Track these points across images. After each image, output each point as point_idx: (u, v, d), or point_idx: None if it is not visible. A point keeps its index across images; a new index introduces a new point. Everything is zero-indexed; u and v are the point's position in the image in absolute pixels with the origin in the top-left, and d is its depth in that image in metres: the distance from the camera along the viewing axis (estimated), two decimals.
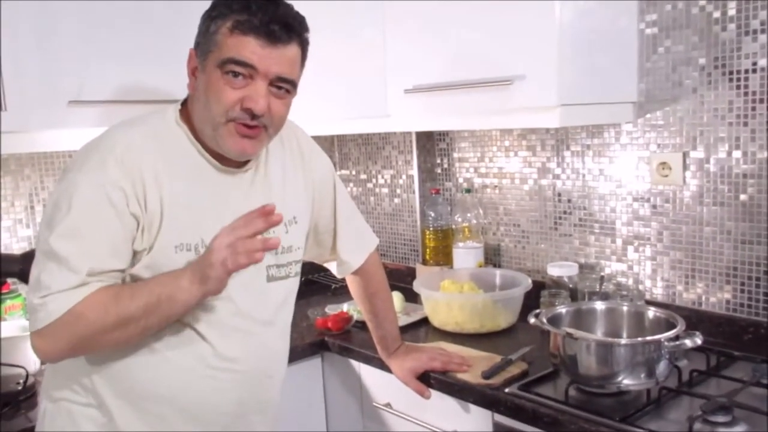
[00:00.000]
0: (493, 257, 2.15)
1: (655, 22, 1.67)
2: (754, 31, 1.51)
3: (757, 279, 1.58)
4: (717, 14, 1.57)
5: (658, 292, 1.77)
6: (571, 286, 1.84)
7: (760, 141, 1.54)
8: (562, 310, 1.47)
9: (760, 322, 1.58)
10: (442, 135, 2.26)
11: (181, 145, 1.21)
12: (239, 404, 1.28)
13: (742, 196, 1.58)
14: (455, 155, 2.22)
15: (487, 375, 1.46)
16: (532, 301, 1.83)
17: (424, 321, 1.90)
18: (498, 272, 1.97)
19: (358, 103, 1.93)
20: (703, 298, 1.68)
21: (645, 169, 1.75)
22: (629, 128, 1.77)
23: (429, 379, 1.54)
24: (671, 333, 1.29)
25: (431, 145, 2.29)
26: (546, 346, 1.41)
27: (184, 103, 1.25)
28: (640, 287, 1.80)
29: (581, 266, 1.89)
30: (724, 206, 1.62)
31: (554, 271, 1.86)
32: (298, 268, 1.36)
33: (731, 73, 1.56)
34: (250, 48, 1.12)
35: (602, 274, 1.85)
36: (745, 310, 1.61)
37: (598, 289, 1.78)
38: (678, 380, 1.38)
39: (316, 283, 2.31)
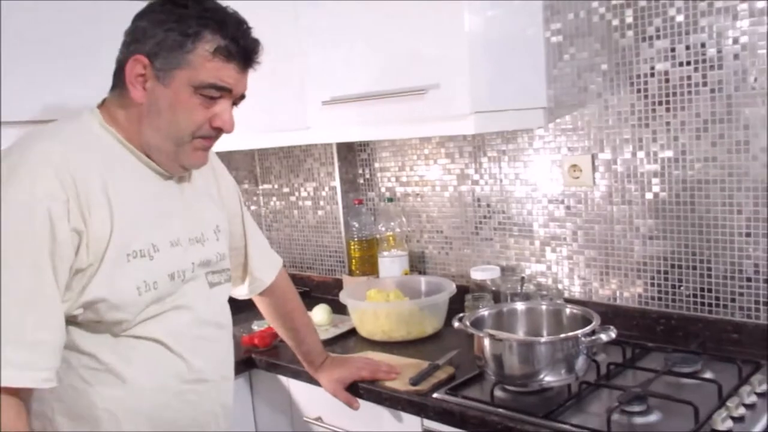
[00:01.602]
0: (418, 264, 2.17)
1: (560, 30, 1.74)
2: (650, 38, 1.60)
3: (665, 273, 1.66)
4: (616, 22, 1.65)
5: (576, 290, 1.83)
6: (493, 288, 1.88)
7: (661, 141, 1.62)
8: (484, 312, 1.50)
9: (671, 314, 1.66)
10: (363, 145, 2.27)
11: (115, 150, 1.15)
12: (212, 414, 1.26)
13: (648, 194, 1.66)
14: (376, 165, 2.24)
15: (414, 381, 1.47)
16: (457, 305, 1.87)
17: (353, 332, 1.90)
18: (423, 279, 1.99)
19: (277, 115, 1.92)
20: (617, 293, 1.75)
21: (557, 172, 1.81)
22: (541, 133, 1.83)
23: (358, 390, 1.54)
24: (587, 329, 1.34)
25: (352, 155, 2.30)
26: (471, 349, 1.44)
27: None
28: (559, 286, 1.86)
29: (503, 269, 1.94)
30: (631, 204, 1.69)
31: (477, 275, 1.90)
32: (227, 275, 1.34)
33: (631, 77, 1.64)
34: (229, 73, 1.12)
35: (523, 275, 1.90)
36: (656, 303, 1.69)
37: (519, 290, 1.83)
38: (597, 374, 1.44)
39: (237, 302, 2.26)
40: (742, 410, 1.22)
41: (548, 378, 1.34)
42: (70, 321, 1.08)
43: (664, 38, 1.58)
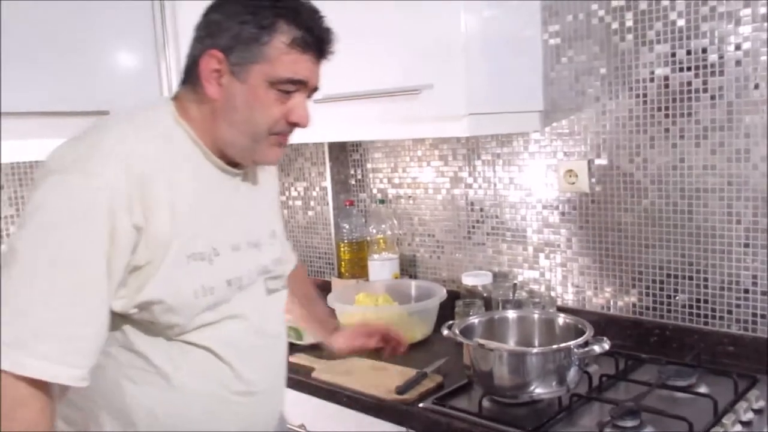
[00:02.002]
0: (408, 268, 2.13)
1: (558, 33, 1.70)
2: (651, 42, 1.56)
3: (661, 282, 1.63)
4: (615, 25, 1.61)
5: (569, 298, 1.79)
6: (485, 295, 1.84)
7: (660, 148, 1.58)
8: (474, 320, 1.46)
9: (665, 325, 1.62)
10: (355, 146, 2.23)
11: (184, 145, 1.10)
12: (262, 426, 1.19)
13: (644, 202, 1.63)
14: (369, 166, 2.20)
15: (401, 390, 1.43)
16: (448, 311, 1.82)
17: None
18: (413, 283, 1.95)
19: None
20: (611, 302, 1.71)
21: (553, 177, 1.77)
22: (537, 137, 1.79)
23: (342, 398, 1.49)
24: (580, 340, 1.30)
25: (344, 156, 2.25)
26: (461, 357, 1.40)
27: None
28: (552, 294, 1.82)
29: (495, 275, 1.90)
30: (627, 212, 1.66)
31: (468, 280, 1.86)
32: (284, 281, 1.27)
33: (630, 82, 1.60)
34: (306, 66, 1.07)
35: (515, 282, 1.86)
36: (651, 313, 1.65)
37: (511, 297, 1.79)
38: (588, 386, 1.40)
39: None
40: (738, 427, 1.19)
41: (539, 390, 1.30)
42: (126, 319, 1.04)
43: (665, 43, 1.54)
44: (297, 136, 1.86)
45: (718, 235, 1.53)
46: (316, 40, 1.07)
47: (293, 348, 1.77)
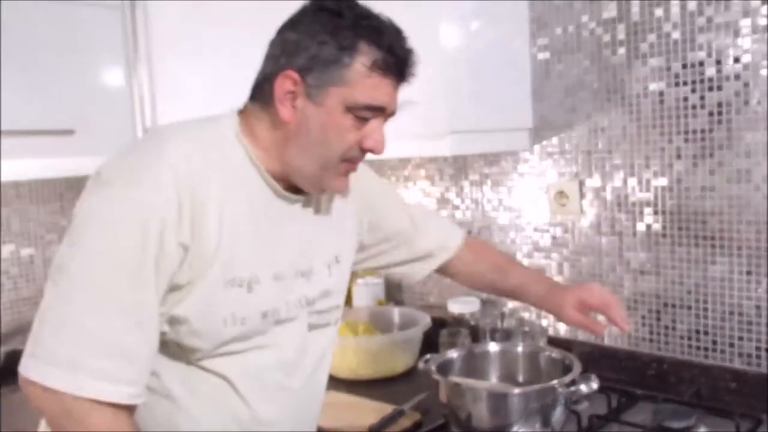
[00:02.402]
0: (395, 293, 2.03)
1: (547, 46, 1.61)
2: (644, 55, 1.46)
3: (657, 312, 1.52)
4: (607, 38, 1.51)
5: (561, 327, 1.68)
6: (472, 323, 1.74)
7: (655, 168, 1.48)
8: (453, 354, 1.35)
9: (663, 358, 1.51)
10: None
11: (242, 164, 1.02)
12: None
13: (640, 225, 1.52)
14: None
15: (374, 429, 1.33)
16: (435, 339, 1.72)
17: None
18: (396, 311, 1.85)
19: None
20: (605, 332, 1.60)
21: (543, 199, 1.67)
22: (526, 156, 1.69)
23: None
24: (566, 378, 1.19)
25: None
26: None
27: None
28: (543, 323, 1.71)
29: (483, 301, 1.79)
30: (622, 236, 1.55)
31: (454, 307, 1.75)
32: (336, 315, 1.17)
33: (623, 98, 1.51)
34: (386, 91, 1.00)
35: (503, 309, 1.75)
36: (647, 345, 1.54)
37: (499, 326, 1.68)
38: (577, 426, 1.29)
39: None
40: None
41: None
42: None
43: (659, 56, 1.44)
44: None
45: (719, 262, 1.42)
46: (398, 62, 1.00)
47: None
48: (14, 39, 1.62)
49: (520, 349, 1.37)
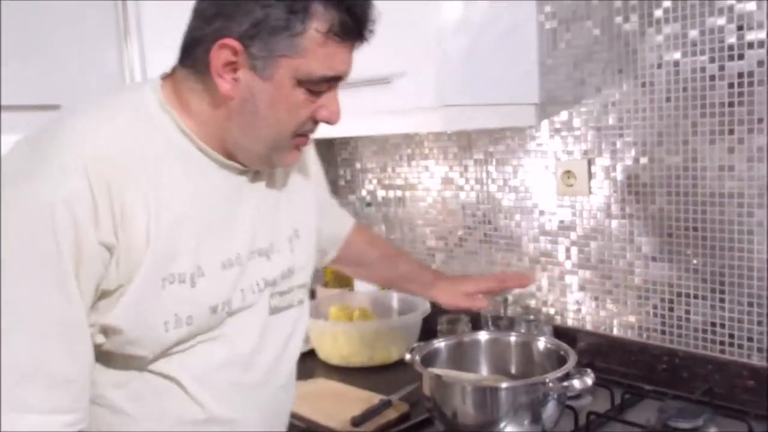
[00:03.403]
0: None
1: (555, 14, 1.49)
2: (658, 22, 1.34)
3: (670, 301, 1.40)
4: (618, 4, 1.39)
5: (568, 316, 1.58)
6: (474, 310, 1.64)
7: (669, 145, 1.36)
8: (440, 344, 1.26)
9: (675, 351, 1.39)
10: (344, 144, 2.06)
11: (172, 137, 0.89)
12: None
13: (651, 208, 1.40)
14: (358, 165, 2.02)
15: (357, 421, 1.25)
16: (435, 326, 1.63)
17: (314, 353, 1.68)
18: (396, 295, 1.77)
19: None
20: (615, 322, 1.50)
21: (550, 179, 1.56)
22: (533, 133, 1.58)
23: (292, 428, 1.31)
24: (559, 372, 1.09)
25: (332, 154, 2.08)
26: None
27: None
28: (551, 311, 1.61)
29: None
30: (633, 219, 1.44)
31: None
32: (303, 294, 1.06)
33: (636, 69, 1.38)
34: (343, 57, 0.89)
35: (506, 296, 1.65)
36: (659, 337, 1.43)
37: (502, 314, 1.59)
38: (574, 424, 1.19)
39: None
40: None
41: (509, 429, 1.09)
42: None
43: (675, 22, 1.32)
44: None
45: (737, 248, 1.30)
46: (358, 24, 0.87)
47: None
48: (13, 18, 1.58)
49: (512, 338, 1.28)
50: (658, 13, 1.33)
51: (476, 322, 1.62)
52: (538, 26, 1.52)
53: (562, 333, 1.51)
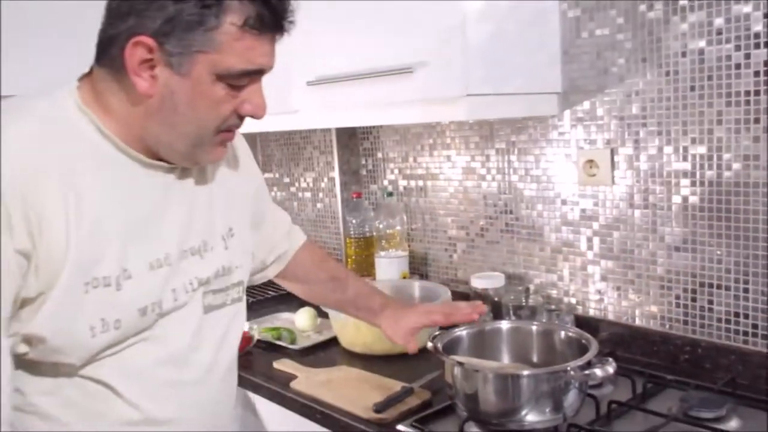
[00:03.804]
0: (420, 267, 1.95)
1: (578, 3, 1.48)
2: (683, 10, 1.32)
3: (693, 291, 1.40)
4: None
5: (590, 306, 1.58)
6: (496, 299, 1.65)
7: (693, 135, 1.35)
8: (462, 332, 1.27)
9: (698, 341, 1.39)
10: (366, 133, 2.06)
11: (92, 140, 0.88)
12: None
13: (676, 198, 1.40)
14: (379, 155, 2.03)
15: (379, 408, 1.26)
16: None
17: (336, 341, 1.70)
18: (417, 284, 1.77)
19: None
20: (637, 312, 1.49)
21: (572, 168, 1.56)
22: (555, 122, 1.58)
23: (316, 413, 1.34)
24: (580, 361, 1.10)
25: (354, 143, 2.09)
26: None
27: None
28: (572, 300, 1.61)
29: (509, 276, 1.70)
30: (656, 209, 1.43)
31: (478, 283, 1.67)
32: (239, 291, 1.07)
33: (660, 58, 1.37)
34: (263, 50, 0.87)
35: (528, 286, 1.66)
36: (681, 327, 1.42)
37: (524, 303, 1.59)
38: (596, 412, 1.19)
39: None
40: None
41: (530, 417, 1.10)
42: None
43: (700, 10, 1.30)
44: (292, 123, 1.74)
45: (761, 238, 1.29)
46: (275, 15, 0.86)
47: (283, 352, 1.64)
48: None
49: (534, 327, 1.28)
50: (683, 1, 1.32)
51: (497, 311, 1.62)
52: (561, 15, 1.51)
53: (583, 323, 1.51)
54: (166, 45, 0.83)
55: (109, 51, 0.87)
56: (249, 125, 1.87)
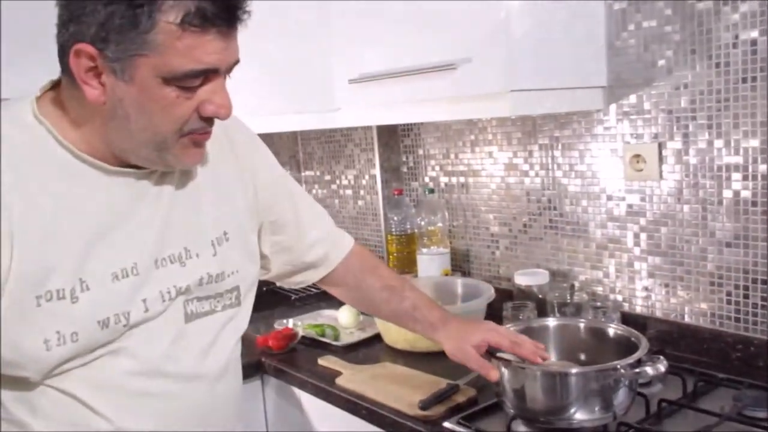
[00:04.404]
0: (462, 264, 1.95)
1: None
2: None
3: (745, 288, 1.36)
4: None
5: (637, 303, 1.55)
6: (540, 296, 1.63)
7: (745, 128, 1.32)
8: (509, 329, 1.26)
9: (750, 339, 1.36)
10: (407, 130, 2.06)
11: (44, 148, 0.86)
12: None
13: (727, 192, 1.36)
14: (420, 152, 2.02)
15: (424, 405, 1.26)
16: (497, 312, 1.63)
17: (378, 338, 1.70)
18: (460, 281, 1.77)
19: (305, 95, 1.74)
20: (686, 309, 1.46)
21: (618, 163, 1.53)
22: (600, 116, 1.55)
23: (362, 410, 1.34)
24: (631, 359, 1.08)
25: (395, 141, 2.09)
26: None
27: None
28: (618, 297, 1.59)
29: (553, 273, 1.68)
30: (706, 204, 1.40)
31: (521, 280, 1.66)
32: (234, 297, 1.03)
33: (710, 49, 1.34)
34: (212, 48, 0.81)
35: (572, 282, 1.64)
36: (733, 325, 1.39)
37: (569, 300, 1.57)
38: (645, 411, 1.17)
39: (277, 294, 2.12)
40: None
41: (579, 416, 1.09)
42: None
43: (752, 0, 1.27)
44: (340, 121, 1.74)
45: None
46: (220, 7, 0.80)
47: (327, 349, 1.65)
48: None
49: (582, 324, 1.27)
50: None
51: (542, 308, 1.61)
52: (606, 8, 1.48)
53: (630, 320, 1.49)
54: (105, 51, 0.80)
55: (62, 59, 0.85)
56: (289, 124, 1.90)
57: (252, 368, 1.63)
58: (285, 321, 1.81)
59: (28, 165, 0.84)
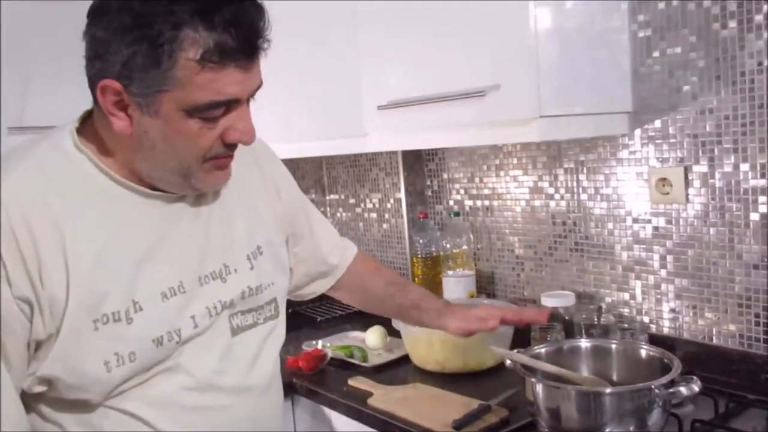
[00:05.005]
0: (487, 286, 1.97)
1: (648, 23, 1.49)
2: (758, 27, 1.33)
3: None
4: (716, 10, 1.38)
5: (664, 325, 1.57)
6: (566, 318, 1.65)
7: None
8: (541, 350, 1.28)
9: None
10: (431, 155, 2.10)
11: (87, 175, 0.90)
12: None
13: (753, 215, 1.39)
14: (445, 176, 2.06)
15: (458, 425, 1.28)
16: (526, 334, 1.65)
17: (407, 359, 1.72)
18: (486, 303, 1.78)
19: (333, 121, 1.79)
20: (714, 331, 1.48)
21: (644, 187, 1.56)
22: (625, 141, 1.58)
23: (395, 429, 1.36)
24: (665, 379, 1.10)
25: (420, 165, 2.13)
26: None
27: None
28: (645, 319, 1.60)
29: (579, 295, 1.70)
30: (733, 226, 1.42)
31: (548, 301, 1.67)
32: (273, 309, 1.07)
33: (734, 75, 1.37)
34: (232, 79, 0.84)
35: (600, 304, 1.66)
36: (762, 346, 1.40)
37: (596, 322, 1.59)
38: (678, 431, 1.19)
39: (302, 316, 2.15)
40: None
41: None
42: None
43: None
44: (363, 147, 1.78)
45: None
46: (241, 41, 0.82)
47: (355, 370, 1.67)
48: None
49: (614, 345, 1.29)
50: (759, 18, 1.32)
51: (569, 330, 1.62)
52: (630, 35, 1.52)
53: (658, 341, 1.50)
54: (130, 87, 0.83)
55: (92, 91, 0.89)
56: (319, 149, 1.94)
57: (285, 389, 1.65)
58: (314, 342, 1.83)
59: (73, 192, 0.88)
